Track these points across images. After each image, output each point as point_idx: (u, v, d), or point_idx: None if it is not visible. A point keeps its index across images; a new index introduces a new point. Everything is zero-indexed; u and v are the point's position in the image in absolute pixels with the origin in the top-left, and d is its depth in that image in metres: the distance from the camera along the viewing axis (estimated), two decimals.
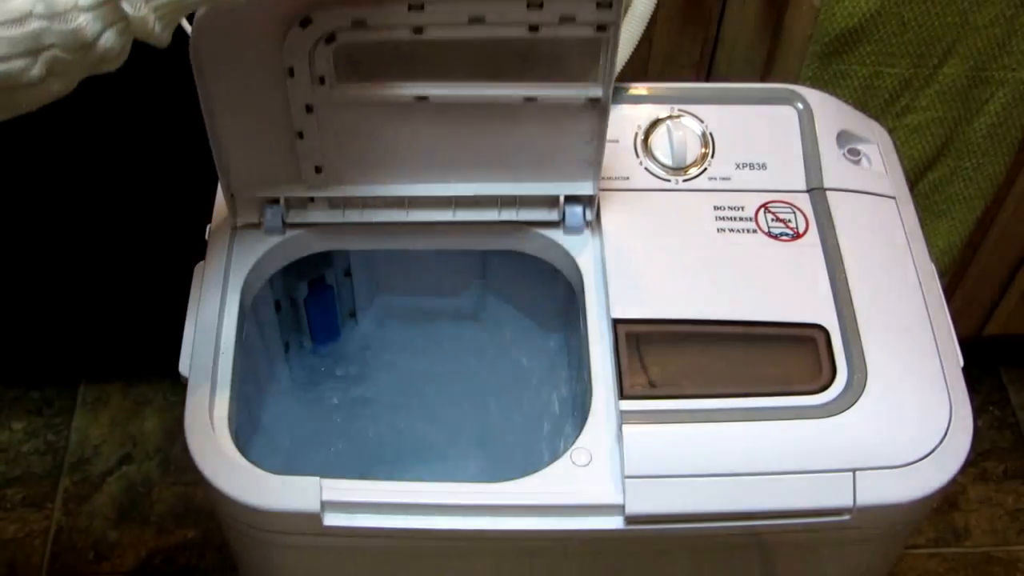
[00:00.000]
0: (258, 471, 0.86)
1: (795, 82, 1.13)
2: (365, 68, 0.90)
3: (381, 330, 1.32)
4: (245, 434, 1.06)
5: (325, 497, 0.85)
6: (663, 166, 1.04)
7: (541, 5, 0.83)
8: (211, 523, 1.58)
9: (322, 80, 0.90)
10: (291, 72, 0.89)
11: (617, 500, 0.85)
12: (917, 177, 1.36)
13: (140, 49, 1.26)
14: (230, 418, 0.90)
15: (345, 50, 0.88)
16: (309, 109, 0.92)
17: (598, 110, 0.94)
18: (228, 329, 0.95)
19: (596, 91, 0.92)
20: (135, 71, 1.28)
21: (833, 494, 0.85)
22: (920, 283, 0.97)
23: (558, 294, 1.18)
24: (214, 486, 0.86)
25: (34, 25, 0.62)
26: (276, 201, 1.01)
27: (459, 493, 0.87)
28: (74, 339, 1.66)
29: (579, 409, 1.12)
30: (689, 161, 1.04)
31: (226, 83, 0.90)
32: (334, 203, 1.01)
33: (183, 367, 0.92)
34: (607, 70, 0.90)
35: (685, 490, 0.85)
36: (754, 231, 0.99)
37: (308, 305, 1.20)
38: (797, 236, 1.00)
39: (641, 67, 1.34)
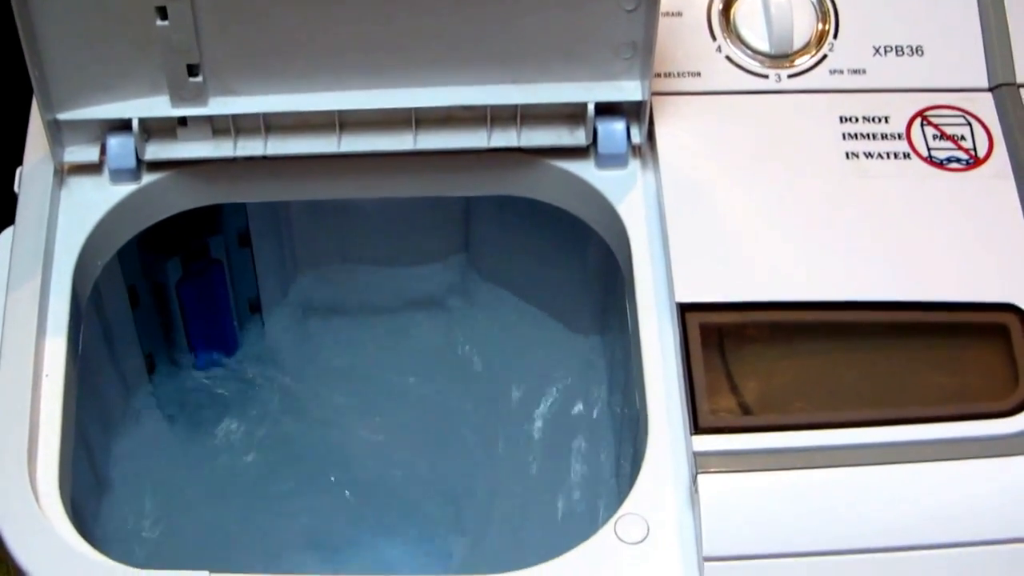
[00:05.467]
0: (114, 564, 0.85)
1: None
2: None
3: (301, 332, 1.32)
4: (88, 504, 1.05)
5: None
6: (755, 53, 1.04)
7: None
8: None
9: None
10: None
11: None
12: None
13: None
14: (62, 481, 0.90)
15: None
16: None
17: None
18: (54, 337, 0.95)
19: None
20: None
21: None
22: None
23: (586, 267, 1.18)
24: None
25: None
26: (126, 126, 1.00)
27: None
28: None
29: (626, 450, 1.12)
30: (798, 45, 1.04)
31: None
32: (219, 127, 1.01)
33: None
34: None
35: None
36: (906, 155, 0.99)
37: (183, 294, 1.20)
38: (975, 162, 0.99)
39: None
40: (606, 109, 1.01)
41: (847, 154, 1.00)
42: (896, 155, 1.00)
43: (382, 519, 1.31)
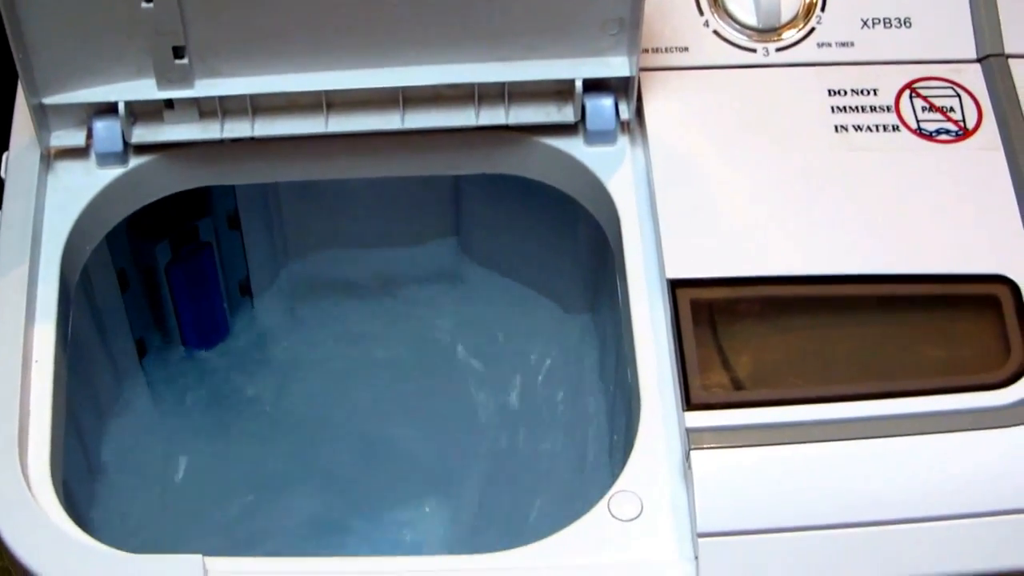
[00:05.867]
0: (105, 549, 0.85)
1: None
2: None
3: (293, 315, 1.32)
4: (81, 490, 1.05)
5: None
6: (743, 27, 1.04)
7: None
8: None
9: None
10: None
11: (686, 573, 0.85)
12: None
13: None
14: (54, 466, 0.90)
15: None
16: None
17: None
18: (43, 323, 0.95)
19: None
20: None
21: None
22: None
23: (577, 244, 1.18)
24: (36, 574, 0.85)
25: None
26: (113, 110, 1.00)
27: (430, 572, 0.87)
28: None
29: (618, 427, 1.12)
30: (785, 19, 1.03)
31: None
32: (206, 109, 1.00)
33: None
34: None
35: (793, 552, 0.85)
36: (895, 128, 0.99)
37: (172, 278, 1.20)
38: (964, 134, 0.99)
39: None
40: (594, 86, 1.01)
41: (836, 127, 1.00)
42: (885, 127, 1.00)
43: (376, 500, 1.31)
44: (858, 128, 1.00)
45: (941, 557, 0.86)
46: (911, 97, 1.01)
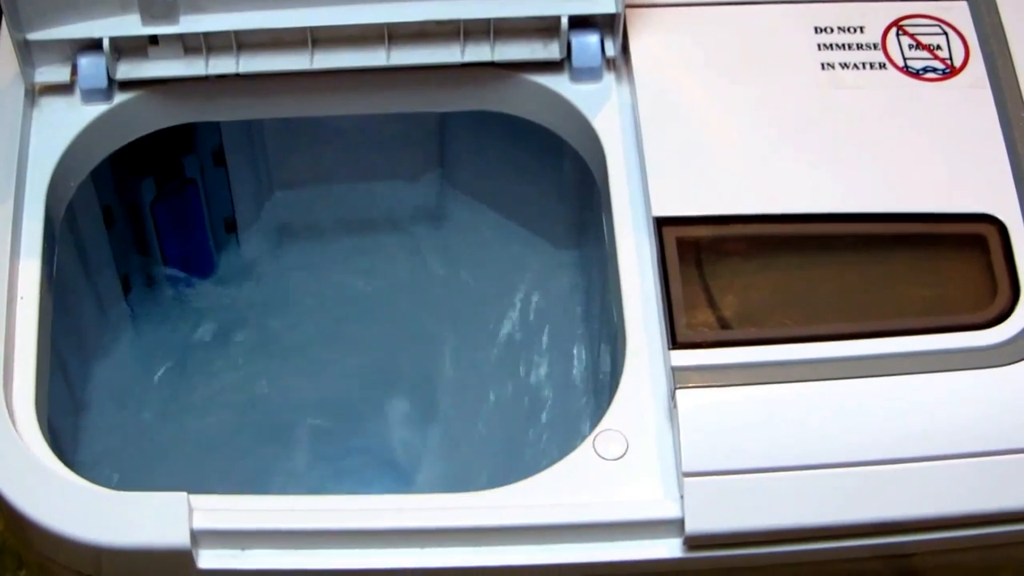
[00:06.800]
0: (89, 486, 0.85)
1: None
2: None
3: (278, 251, 1.31)
4: (65, 428, 1.05)
5: (197, 524, 0.84)
6: None
7: None
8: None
9: None
10: None
11: (671, 513, 0.85)
12: None
13: None
14: (39, 403, 0.90)
15: None
16: None
17: None
18: (28, 260, 0.94)
19: None
20: None
21: (1022, 487, 0.86)
22: None
23: (562, 181, 1.17)
24: (19, 511, 0.85)
25: None
26: (97, 46, 0.99)
27: (417, 510, 0.86)
28: None
29: (604, 366, 1.11)
30: None
31: None
32: (190, 45, 1.00)
33: None
34: None
35: (779, 492, 0.85)
36: (881, 65, 0.99)
37: (158, 215, 1.20)
38: (951, 72, 0.99)
39: None
40: (580, 22, 1.01)
41: (823, 65, 1.00)
42: (872, 65, 1.00)
43: (357, 435, 1.31)
44: (845, 66, 1.00)
45: (928, 498, 0.86)
46: (898, 35, 1.01)
